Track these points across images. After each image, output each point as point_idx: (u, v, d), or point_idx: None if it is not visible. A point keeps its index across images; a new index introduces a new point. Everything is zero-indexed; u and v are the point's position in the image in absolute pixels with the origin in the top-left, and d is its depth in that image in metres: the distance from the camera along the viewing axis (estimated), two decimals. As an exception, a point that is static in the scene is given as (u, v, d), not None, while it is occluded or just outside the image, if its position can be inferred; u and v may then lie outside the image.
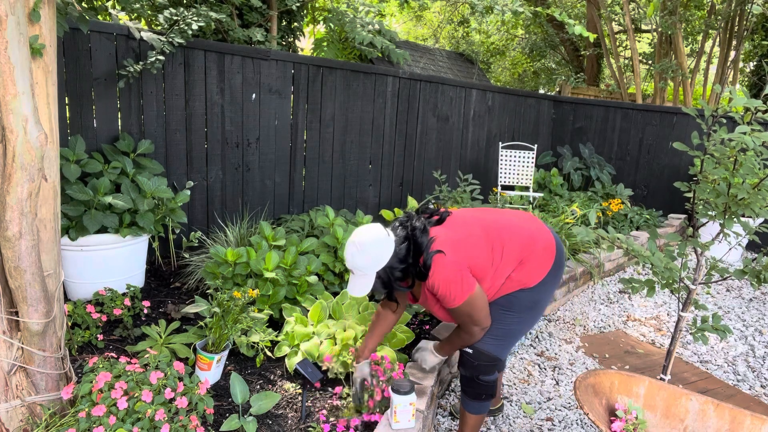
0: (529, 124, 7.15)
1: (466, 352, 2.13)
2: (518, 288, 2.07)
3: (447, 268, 1.94)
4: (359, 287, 1.99)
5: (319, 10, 6.75)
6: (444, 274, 1.94)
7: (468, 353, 2.12)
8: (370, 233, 1.96)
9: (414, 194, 5.70)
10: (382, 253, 1.94)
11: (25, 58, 1.56)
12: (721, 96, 9.04)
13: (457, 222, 2.10)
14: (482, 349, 2.09)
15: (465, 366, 2.15)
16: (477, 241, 2.04)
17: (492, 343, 2.09)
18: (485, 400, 2.17)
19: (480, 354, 2.09)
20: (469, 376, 2.14)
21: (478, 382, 2.14)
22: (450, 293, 1.95)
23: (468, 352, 2.12)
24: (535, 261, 2.08)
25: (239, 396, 2.17)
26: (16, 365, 1.82)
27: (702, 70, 9.83)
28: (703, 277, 2.40)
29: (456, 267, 1.95)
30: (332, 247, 3.55)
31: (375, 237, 1.95)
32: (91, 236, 2.98)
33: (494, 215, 2.19)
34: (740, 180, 2.13)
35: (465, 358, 2.14)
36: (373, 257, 1.93)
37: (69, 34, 3.14)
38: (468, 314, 2.01)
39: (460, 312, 2.00)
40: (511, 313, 2.09)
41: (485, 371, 2.12)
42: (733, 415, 2.04)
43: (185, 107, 3.76)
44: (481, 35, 14.13)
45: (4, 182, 1.62)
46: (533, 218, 2.24)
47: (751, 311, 4.33)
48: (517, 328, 2.12)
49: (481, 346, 2.09)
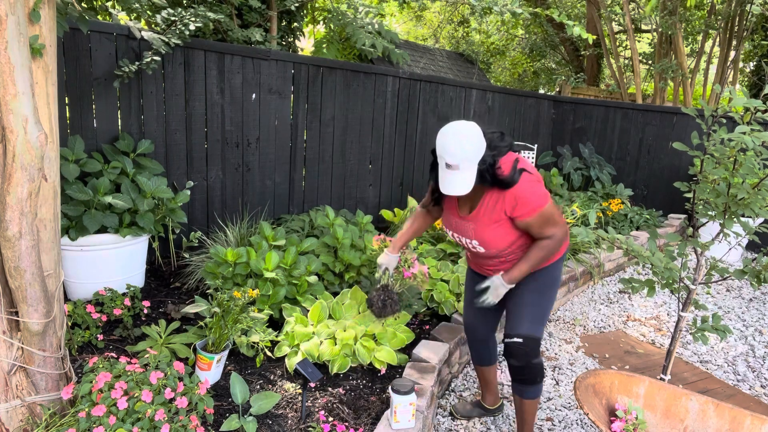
0: (529, 124, 7.15)
1: (516, 343, 2.12)
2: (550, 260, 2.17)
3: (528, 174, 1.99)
4: (465, 181, 1.92)
5: (318, 11, 6.75)
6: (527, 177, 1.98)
7: (519, 343, 2.12)
8: (463, 123, 1.92)
9: (414, 194, 5.70)
10: (482, 141, 1.92)
11: (25, 58, 1.56)
12: (721, 96, 9.04)
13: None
14: (530, 335, 2.11)
15: (516, 356, 2.14)
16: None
17: (535, 325, 2.14)
18: (540, 382, 2.21)
19: (529, 340, 2.11)
20: (523, 364, 2.14)
21: (531, 366, 2.15)
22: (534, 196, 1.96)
23: (519, 342, 2.12)
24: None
25: (239, 396, 2.17)
26: (16, 365, 1.82)
27: (702, 70, 9.83)
28: (703, 277, 2.40)
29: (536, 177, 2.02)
30: (332, 247, 3.55)
31: (469, 124, 1.91)
32: (91, 236, 2.98)
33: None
34: (740, 180, 2.13)
35: (515, 349, 2.13)
36: (478, 144, 1.89)
37: (69, 34, 3.14)
38: (550, 216, 2.02)
39: (543, 215, 2.00)
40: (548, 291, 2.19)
41: (534, 354, 2.14)
42: (733, 415, 2.04)
43: (185, 107, 3.76)
44: (481, 35, 14.13)
45: (4, 182, 1.62)
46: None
47: (751, 311, 4.33)
48: (548, 306, 2.21)
49: (528, 332, 2.11)
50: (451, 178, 1.92)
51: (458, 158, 1.88)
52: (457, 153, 1.87)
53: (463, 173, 1.91)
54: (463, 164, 1.89)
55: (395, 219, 4.80)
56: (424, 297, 3.32)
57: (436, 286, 3.38)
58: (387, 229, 4.95)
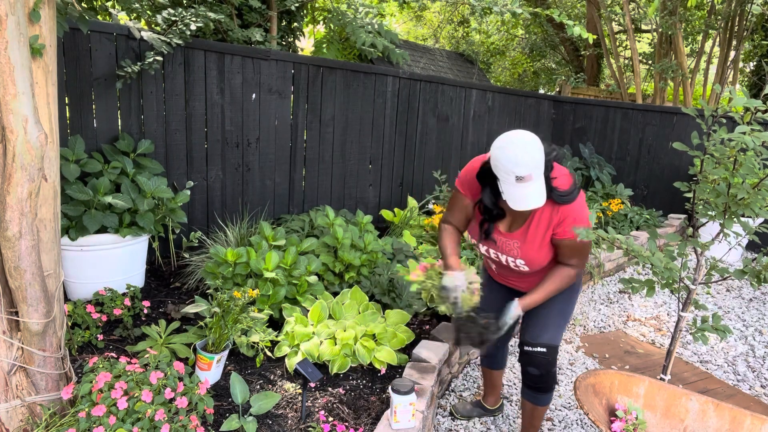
0: (529, 124, 7.15)
1: (539, 353, 2.09)
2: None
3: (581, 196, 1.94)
4: (539, 191, 1.80)
5: (318, 11, 6.74)
6: (582, 197, 1.92)
7: (542, 352, 2.09)
8: (521, 131, 1.81)
9: (414, 194, 5.70)
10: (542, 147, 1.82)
11: (25, 58, 1.56)
12: (721, 96, 9.04)
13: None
14: (552, 344, 2.10)
15: (538, 365, 2.12)
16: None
17: (558, 334, 2.12)
18: (554, 389, 2.21)
19: (551, 349, 2.10)
20: (544, 373, 2.12)
21: (550, 375, 2.14)
22: (584, 219, 1.91)
23: (542, 351, 2.09)
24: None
25: (239, 396, 2.17)
26: (16, 365, 1.82)
27: (702, 70, 9.82)
28: (703, 277, 2.40)
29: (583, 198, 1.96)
30: (332, 247, 3.55)
31: (526, 132, 1.82)
32: (91, 236, 2.98)
33: None
34: (740, 180, 2.13)
35: (538, 359, 2.10)
36: (542, 150, 1.79)
37: (69, 34, 3.14)
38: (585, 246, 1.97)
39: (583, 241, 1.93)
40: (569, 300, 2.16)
41: (554, 362, 2.13)
42: (733, 415, 2.04)
43: (185, 107, 3.76)
44: (481, 35, 14.13)
45: (4, 182, 1.62)
46: None
47: (751, 311, 4.33)
48: (571, 313, 2.20)
49: (551, 341, 2.09)
50: (524, 192, 1.78)
51: (530, 167, 1.75)
52: (529, 162, 1.74)
53: (536, 183, 1.78)
54: (535, 173, 1.77)
55: (395, 219, 4.80)
56: (424, 297, 3.32)
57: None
58: (387, 229, 4.95)
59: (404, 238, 4.26)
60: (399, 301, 3.20)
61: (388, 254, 3.84)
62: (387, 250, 3.74)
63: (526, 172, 1.74)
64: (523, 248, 2.01)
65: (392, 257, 3.84)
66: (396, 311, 3.01)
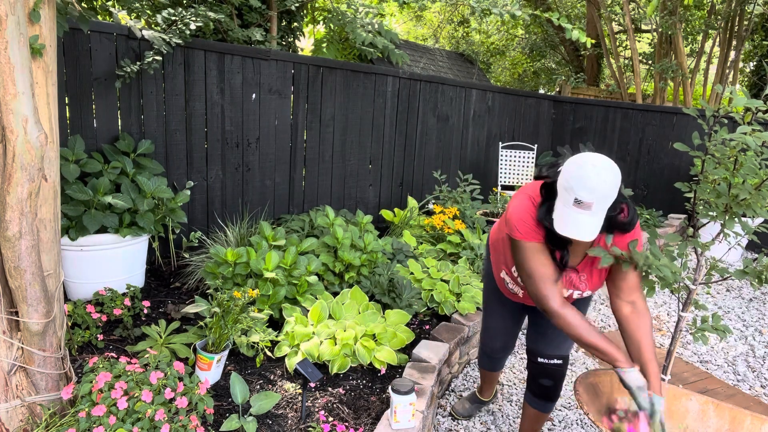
0: (529, 124, 7.15)
1: (555, 365, 2.09)
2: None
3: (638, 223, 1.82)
4: (593, 227, 1.61)
5: (318, 11, 6.74)
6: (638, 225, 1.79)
7: (558, 364, 2.09)
8: (602, 156, 1.63)
9: (414, 194, 5.70)
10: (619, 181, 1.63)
11: (25, 58, 1.56)
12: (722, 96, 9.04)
13: None
14: (567, 355, 2.12)
15: (552, 377, 2.11)
16: None
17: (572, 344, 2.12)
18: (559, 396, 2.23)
19: (566, 360, 2.12)
20: (555, 384, 2.13)
21: (560, 385, 2.14)
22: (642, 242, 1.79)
23: (558, 364, 2.09)
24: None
25: (239, 396, 2.17)
26: (16, 365, 1.82)
27: (702, 70, 9.83)
28: (703, 277, 2.40)
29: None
30: (332, 247, 3.55)
31: (609, 160, 1.62)
32: (91, 236, 2.98)
33: None
34: (741, 180, 2.13)
35: (553, 370, 2.10)
36: (617, 183, 1.61)
37: (69, 34, 3.14)
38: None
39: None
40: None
41: (565, 372, 2.14)
42: (733, 415, 2.04)
43: (185, 107, 3.76)
44: (481, 35, 14.13)
45: (4, 182, 1.62)
46: None
47: (751, 311, 4.33)
48: None
49: (566, 352, 2.11)
50: (577, 218, 1.60)
51: (596, 195, 1.56)
52: (596, 189, 1.56)
53: (594, 215, 1.60)
54: (597, 205, 1.58)
55: (395, 219, 4.80)
56: (424, 297, 3.32)
57: (435, 286, 3.38)
58: (387, 229, 4.95)
59: (404, 238, 4.26)
60: (399, 301, 3.20)
61: (388, 254, 3.84)
62: (387, 250, 3.74)
63: (589, 198, 1.57)
64: (591, 281, 1.88)
65: (392, 257, 3.84)
66: (396, 311, 3.01)
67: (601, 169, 1.57)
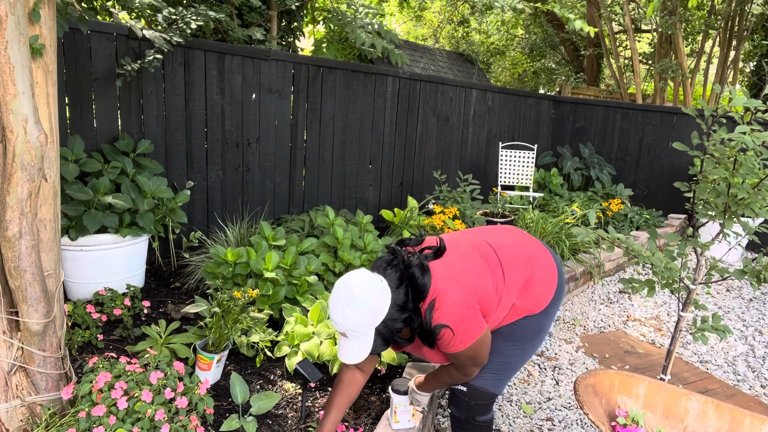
0: (529, 124, 7.15)
1: (459, 391, 1.87)
2: (523, 315, 1.83)
3: (456, 311, 1.60)
4: (356, 351, 1.58)
5: (318, 11, 6.75)
6: (452, 318, 1.60)
7: (461, 392, 1.86)
8: (360, 282, 1.54)
9: (414, 194, 5.70)
10: (381, 304, 1.54)
11: (25, 58, 1.56)
12: (721, 96, 9.04)
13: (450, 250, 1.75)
14: (478, 386, 1.84)
15: (459, 406, 1.90)
16: (479, 270, 1.71)
17: (490, 379, 1.84)
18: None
19: (476, 392, 1.84)
20: (464, 417, 1.90)
21: (474, 424, 1.90)
22: (457, 338, 1.62)
23: (462, 391, 1.86)
24: (538, 284, 1.82)
25: (239, 396, 2.17)
26: (16, 365, 1.82)
27: (702, 70, 9.82)
28: (703, 277, 2.40)
29: (465, 308, 1.62)
30: (332, 247, 3.55)
31: (366, 286, 1.54)
32: (91, 236, 2.98)
33: (483, 235, 1.88)
34: (740, 180, 2.13)
35: (458, 398, 1.88)
36: (371, 311, 1.53)
37: (69, 34, 3.14)
38: (471, 356, 1.70)
39: (462, 355, 1.68)
40: (514, 344, 1.84)
41: (482, 410, 1.87)
42: (733, 415, 2.04)
43: (185, 107, 3.76)
44: (481, 35, 14.13)
45: (4, 182, 1.62)
46: (523, 234, 1.98)
47: (751, 311, 4.33)
48: (518, 360, 1.89)
49: (477, 383, 1.84)
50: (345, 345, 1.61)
51: (343, 328, 1.56)
52: (341, 323, 1.55)
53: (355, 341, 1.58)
54: (351, 333, 1.57)
55: (395, 219, 4.80)
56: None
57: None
58: (387, 229, 4.95)
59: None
60: (399, 301, 3.20)
61: (388, 254, 3.83)
62: (387, 250, 3.73)
63: (345, 329, 1.56)
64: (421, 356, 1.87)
65: (392, 257, 3.83)
66: (396, 311, 3.00)
67: (344, 306, 1.53)
